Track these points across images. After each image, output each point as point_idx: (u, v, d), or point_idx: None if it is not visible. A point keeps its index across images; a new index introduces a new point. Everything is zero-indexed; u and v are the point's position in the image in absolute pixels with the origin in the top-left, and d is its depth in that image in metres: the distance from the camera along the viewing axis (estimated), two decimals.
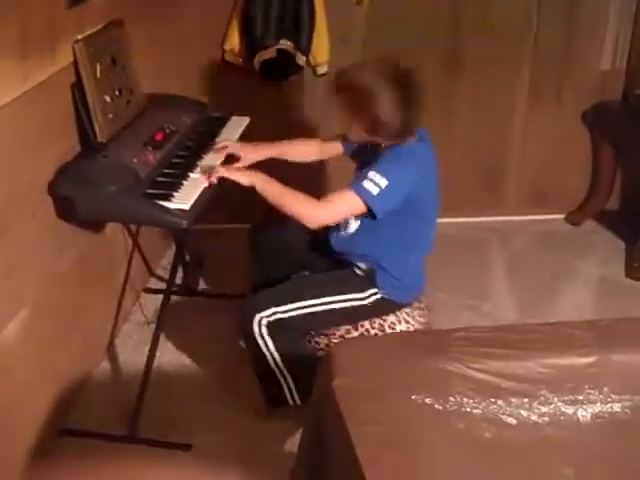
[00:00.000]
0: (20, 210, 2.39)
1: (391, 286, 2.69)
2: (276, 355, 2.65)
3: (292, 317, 2.63)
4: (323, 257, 2.86)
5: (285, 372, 2.68)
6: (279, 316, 2.62)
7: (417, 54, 4.04)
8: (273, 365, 2.67)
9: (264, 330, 2.61)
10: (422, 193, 2.58)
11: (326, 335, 2.75)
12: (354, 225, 2.68)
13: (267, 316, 2.61)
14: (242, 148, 2.89)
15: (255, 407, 2.85)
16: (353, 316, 2.69)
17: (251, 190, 2.57)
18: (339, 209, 2.56)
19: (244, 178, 2.59)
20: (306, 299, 2.65)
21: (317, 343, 2.77)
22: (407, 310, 2.75)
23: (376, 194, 2.46)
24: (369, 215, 2.53)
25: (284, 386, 2.71)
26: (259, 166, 2.76)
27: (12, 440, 2.46)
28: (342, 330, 2.72)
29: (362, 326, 2.71)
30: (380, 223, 2.55)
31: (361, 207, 2.50)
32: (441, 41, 4.06)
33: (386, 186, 2.45)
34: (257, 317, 2.61)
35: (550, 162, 4.33)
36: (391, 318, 2.72)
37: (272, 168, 2.72)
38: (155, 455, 2.68)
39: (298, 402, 2.73)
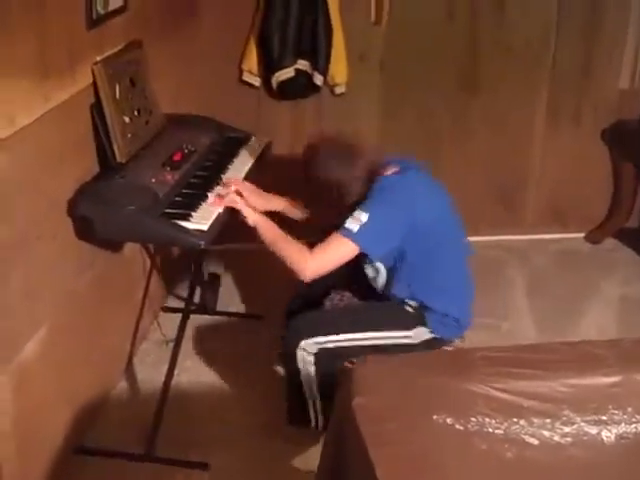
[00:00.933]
0: (40, 230, 2.39)
1: (441, 324, 2.67)
2: (313, 380, 2.63)
3: (340, 347, 2.62)
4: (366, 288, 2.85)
5: (316, 396, 2.66)
6: (327, 346, 2.61)
7: (435, 73, 4.05)
8: (306, 388, 2.66)
9: (308, 358, 2.60)
10: (427, 220, 2.56)
11: None
12: (382, 277, 2.69)
13: (315, 343, 2.60)
14: (251, 196, 2.78)
15: (274, 426, 2.84)
16: (402, 351, 2.63)
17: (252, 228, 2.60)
18: (330, 256, 2.54)
19: (251, 218, 2.60)
20: (357, 331, 2.64)
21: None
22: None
23: (357, 230, 2.47)
24: (366, 257, 2.55)
25: (311, 410, 2.69)
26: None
27: (30, 458, 2.45)
28: None
29: None
30: (404, 267, 2.59)
31: (351, 248, 2.50)
32: (459, 60, 4.07)
33: (367, 220, 2.46)
34: (303, 343, 2.60)
35: (569, 180, 4.31)
36: None
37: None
38: (173, 474, 2.67)
39: (321, 427, 2.70)
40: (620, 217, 4.33)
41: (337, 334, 2.62)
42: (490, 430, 1.94)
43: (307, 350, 2.60)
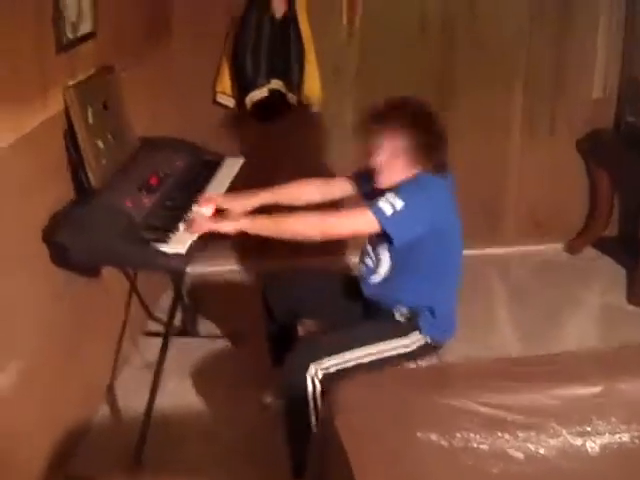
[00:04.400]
0: (15, 258, 2.36)
1: (433, 327, 2.64)
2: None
3: (345, 369, 2.51)
4: (346, 304, 2.81)
5: None
6: (334, 369, 2.49)
7: (408, 87, 4.06)
8: (314, 424, 2.48)
9: (317, 383, 2.47)
10: (446, 223, 2.56)
11: None
12: (385, 268, 2.63)
13: (322, 368, 2.48)
14: (228, 201, 2.79)
15: (260, 448, 2.82)
16: (400, 363, 2.61)
17: (244, 235, 2.53)
18: (351, 222, 2.50)
19: (229, 226, 2.55)
20: (356, 349, 2.54)
21: None
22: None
23: (390, 214, 2.41)
24: (386, 240, 2.48)
25: None
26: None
27: None
28: None
29: None
30: (411, 262, 2.55)
31: (374, 226, 2.43)
32: (433, 74, 4.08)
33: (401, 207, 2.41)
34: (312, 368, 2.47)
35: (547, 192, 4.33)
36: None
37: None
38: None
39: None
40: (598, 226, 4.35)
41: (339, 354, 2.52)
42: (475, 445, 1.93)
43: (317, 375, 2.47)
